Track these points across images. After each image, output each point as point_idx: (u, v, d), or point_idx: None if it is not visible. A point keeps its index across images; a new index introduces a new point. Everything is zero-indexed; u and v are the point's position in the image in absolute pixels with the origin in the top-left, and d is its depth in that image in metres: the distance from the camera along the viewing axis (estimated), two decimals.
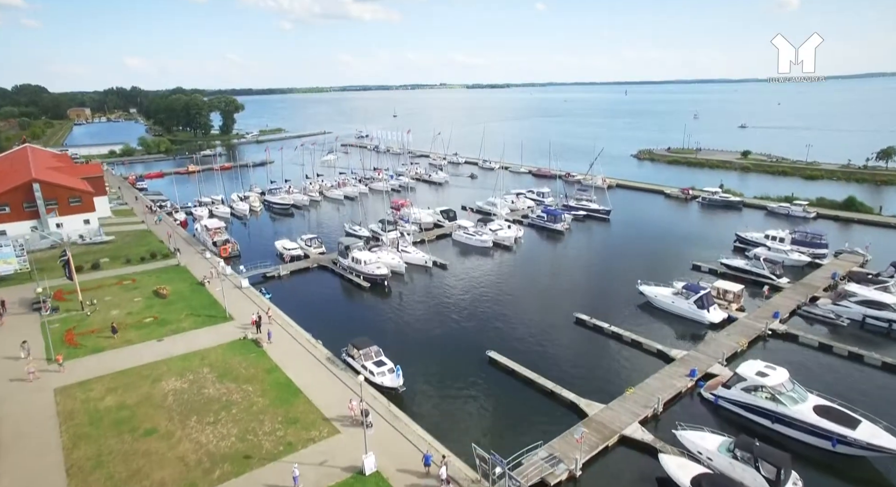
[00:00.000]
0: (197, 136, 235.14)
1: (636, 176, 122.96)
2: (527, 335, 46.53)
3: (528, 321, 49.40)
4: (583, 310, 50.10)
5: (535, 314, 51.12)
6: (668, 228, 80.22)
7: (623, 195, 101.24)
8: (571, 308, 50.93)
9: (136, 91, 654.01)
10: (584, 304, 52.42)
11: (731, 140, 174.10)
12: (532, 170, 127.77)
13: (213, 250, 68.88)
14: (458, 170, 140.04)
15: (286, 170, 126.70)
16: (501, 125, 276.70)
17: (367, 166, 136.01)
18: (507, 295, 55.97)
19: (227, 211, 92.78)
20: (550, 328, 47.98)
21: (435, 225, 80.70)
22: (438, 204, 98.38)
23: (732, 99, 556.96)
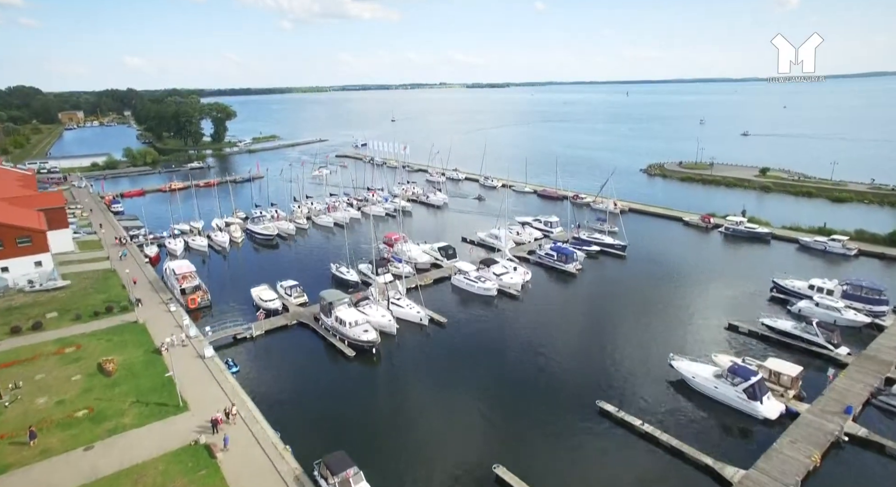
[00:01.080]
0: (187, 144, 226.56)
1: (649, 197, 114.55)
2: (539, 436, 38.19)
3: (542, 413, 40.89)
4: (604, 391, 42.12)
5: (550, 402, 42.47)
6: (692, 267, 71.81)
7: (637, 222, 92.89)
8: (591, 391, 42.72)
9: (132, 93, 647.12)
10: (605, 383, 44.30)
11: (739, 151, 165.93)
12: (538, 190, 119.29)
13: (181, 301, 60.55)
14: (458, 188, 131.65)
15: (275, 188, 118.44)
16: (502, 133, 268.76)
17: (360, 182, 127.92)
18: (514, 370, 47.61)
19: (205, 244, 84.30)
20: (569, 422, 39.66)
21: (432, 265, 72.29)
22: (436, 233, 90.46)
23: (735, 101, 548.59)
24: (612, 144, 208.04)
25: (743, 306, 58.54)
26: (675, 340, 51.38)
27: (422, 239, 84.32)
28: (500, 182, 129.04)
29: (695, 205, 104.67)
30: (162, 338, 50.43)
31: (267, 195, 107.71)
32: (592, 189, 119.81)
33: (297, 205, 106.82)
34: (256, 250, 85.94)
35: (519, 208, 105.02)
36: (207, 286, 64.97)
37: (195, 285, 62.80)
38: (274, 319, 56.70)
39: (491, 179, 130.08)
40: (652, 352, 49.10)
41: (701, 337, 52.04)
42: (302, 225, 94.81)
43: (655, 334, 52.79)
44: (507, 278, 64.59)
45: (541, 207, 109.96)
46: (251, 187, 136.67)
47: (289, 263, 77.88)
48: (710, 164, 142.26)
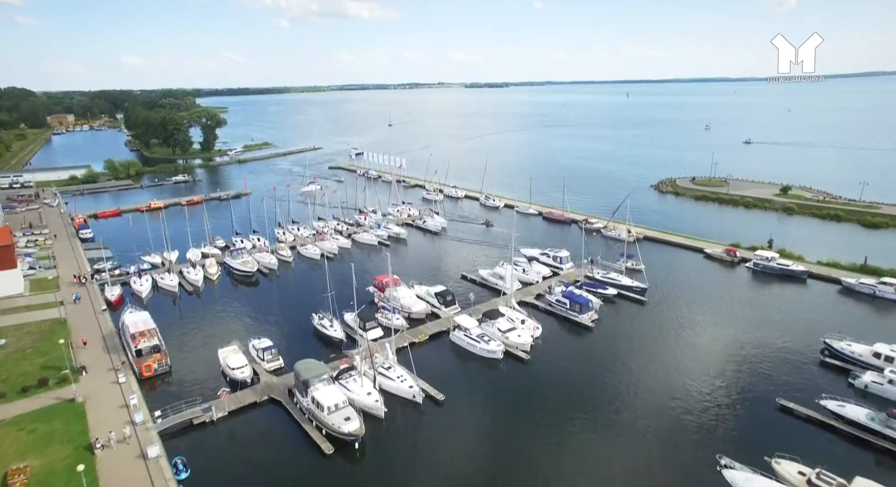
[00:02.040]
0: (175, 153, 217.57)
1: (662, 217, 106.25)
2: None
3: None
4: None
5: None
6: (722, 316, 63.23)
7: (654, 253, 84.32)
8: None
9: (126, 95, 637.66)
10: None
11: (744, 163, 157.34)
12: (543, 213, 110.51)
13: (134, 368, 51.84)
14: (457, 207, 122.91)
15: (260, 207, 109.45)
16: (502, 140, 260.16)
17: (352, 200, 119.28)
18: (522, 461, 39.06)
19: (176, 283, 75.39)
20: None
21: (428, 315, 63.56)
22: (433, 267, 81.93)
23: (738, 103, 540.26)
24: (618, 154, 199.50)
25: (791, 374, 50.00)
26: (716, 428, 42.86)
27: (417, 276, 75.75)
28: (503, 202, 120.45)
29: (713, 229, 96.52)
30: (101, 424, 41.86)
31: (250, 219, 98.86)
32: (601, 210, 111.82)
33: (282, 231, 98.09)
34: (234, 288, 77.17)
35: (523, 233, 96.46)
36: (170, 341, 56.61)
37: (153, 346, 54.05)
38: (241, 394, 47.95)
39: (492, 199, 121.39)
40: (691, 446, 40.60)
41: (748, 423, 43.47)
42: (285, 257, 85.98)
43: (691, 418, 44.20)
44: (515, 337, 55.96)
45: (547, 232, 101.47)
46: (236, 205, 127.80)
47: (267, 307, 69.02)
48: (724, 180, 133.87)
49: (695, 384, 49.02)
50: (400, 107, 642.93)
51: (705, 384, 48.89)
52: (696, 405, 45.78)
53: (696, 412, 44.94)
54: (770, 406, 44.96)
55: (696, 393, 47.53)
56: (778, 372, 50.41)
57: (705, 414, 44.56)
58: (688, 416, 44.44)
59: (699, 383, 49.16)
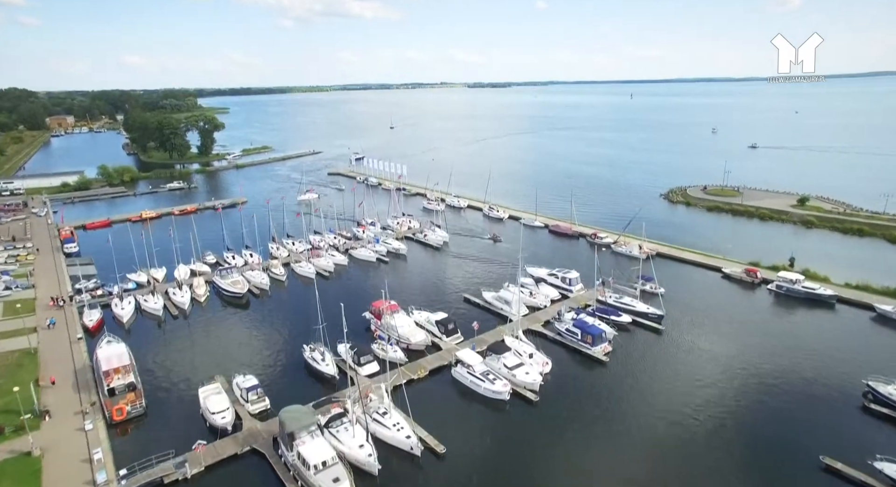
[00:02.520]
0: (172, 157, 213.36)
1: (674, 230, 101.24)
2: None
3: None
4: None
5: None
6: (746, 349, 58.28)
7: (668, 271, 79.28)
8: None
9: (126, 95, 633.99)
10: None
11: (751, 170, 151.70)
12: (550, 226, 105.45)
13: (104, 411, 47.22)
14: (459, 218, 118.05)
15: (256, 217, 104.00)
16: (506, 145, 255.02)
17: (351, 209, 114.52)
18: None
19: (160, 306, 70.72)
20: None
21: (428, 347, 58.72)
22: (434, 288, 77.19)
23: (744, 105, 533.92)
24: (625, 160, 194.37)
25: (832, 423, 45.04)
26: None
27: (416, 298, 71.20)
28: (507, 213, 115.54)
29: (728, 244, 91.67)
30: (57, 485, 37.18)
31: (243, 233, 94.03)
32: (610, 221, 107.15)
33: (276, 246, 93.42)
34: (223, 310, 72.51)
35: (529, 247, 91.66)
36: (149, 375, 52.28)
37: (127, 384, 49.46)
38: (221, 444, 43.24)
39: (496, 210, 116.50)
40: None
41: (790, 485, 38.60)
42: (278, 276, 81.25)
43: (719, 479, 39.31)
44: (522, 374, 51.12)
45: (553, 246, 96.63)
46: (230, 216, 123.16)
47: (256, 334, 64.36)
48: (737, 189, 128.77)
49: (722, 435, 44.08)
50: (402, 108, 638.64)
51: (735, 436, 43.97)
52: (726, 463, 40.89)
53: (726, 471, 40.06)
54: (813, 465, 39.98)
55: (725, 447, 42.62)
56: (816, 421, 45.46)
57: (737, 475, 39.68)
58: (715, 477, 39.57)
59: (728, 433, 44.23)
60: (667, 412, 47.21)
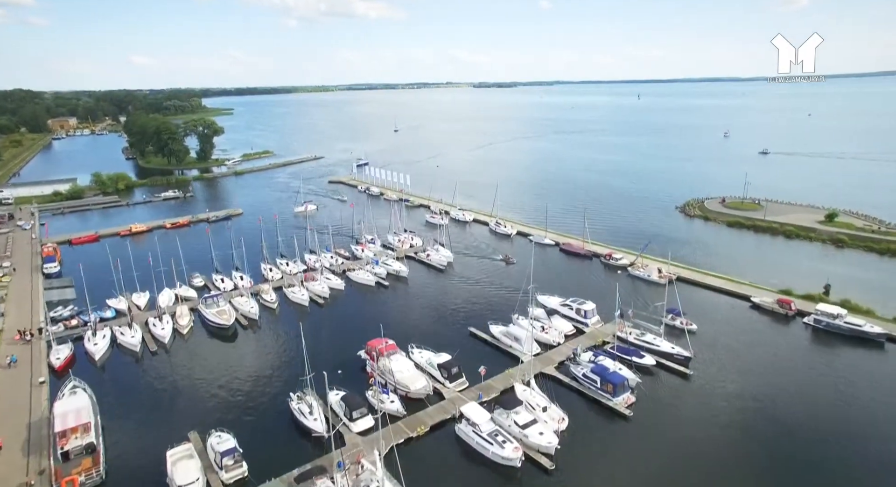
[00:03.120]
0: (171, 163, 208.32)
1: (694, 252, 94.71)
2: None
3: None
4: None
5: None
6: (783, 393, 51.78)
7: (691, 299, 72.66)
8: None
9: (131, 96, 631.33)
10: None
11: (763, 179, 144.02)
12: (561, 244, 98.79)
13: (54, 484, 41.24)
14: (464, 233, 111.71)
15: (250, 231, 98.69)
16: (513, 149, 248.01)
17: (350, 223, 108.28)
18: None
19: (139, 339, 64.83)
20: None
21: (429, 395, 52.45)
22: (437, 318, 70.96)
23: (755, 107, 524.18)
24: (636, 168, 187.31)
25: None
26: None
27: (417, 331, 65.23)
28: (515, 228, 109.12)
29: (753, 266, 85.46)
30: None
31: (233, 254, 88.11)
32: (624, 237, 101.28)
33: (268, 267, 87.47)
34: (207, 343, 66.68)
35: (539, 268, 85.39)
36: (114, 428, 46.44)
37: (85, 446, 43.60)
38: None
39: (504, 225, 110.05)
40: None
41: None
42: (269, 303, 75.21)
43: None
44: (535, 434, 44.81)
45: (565, 267, 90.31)
46: (223, 230, 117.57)
47: (239, 376, 58.16)
48: (758, 202, 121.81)
49: None
50: (407, 109, 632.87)
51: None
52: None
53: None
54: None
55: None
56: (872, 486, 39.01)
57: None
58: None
59: None
60: (698, 482, 40.81)
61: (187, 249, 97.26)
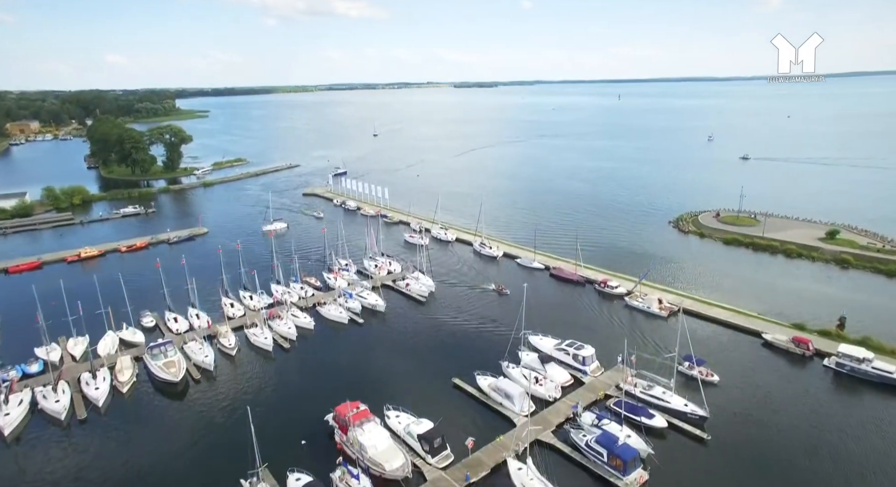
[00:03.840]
0: (135, 173, 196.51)
1: (692, 272, 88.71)
2: None
3: None
4: None
5: None
6: (816, 460, 45.17)
7: (697, 335, 65.63)
8: None
9: (100, 98, 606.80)
10: None
11: (745, 187, 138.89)
12: (552, 269, 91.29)
13: None
14: (446, 254, 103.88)
15: (214, 255, 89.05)
16: (495, 155, 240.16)
17: (322, 244, 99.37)
18: None
19: (64, 404, 55.25)
20: None
21: (408, 477, 44.39)
22: (417, 366, 63.04)
23: (735, 108, 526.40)
24: (622, 175, 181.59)
25: None
26: None
27: (393, 384, 57.25)
28: (501, 249, 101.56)
29: (756, 292, 79.61)
30: None
31: (192, 286, 78.66)
32: (617, 260, 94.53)
33: (229, 302, 78.46)
34: (151, 404, 57.43)
35: (528, 294, 78.43)
36: None
37: None
38: None
39: (489, 246, 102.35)
40: None
41: None
42: (228, 349, 66.25)
43: None
44: None
45: (557, 295, 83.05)
46: (184, 253, 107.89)
47: (181, 456, 49.17)
48: (754, 217, 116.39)
49: None
50: (387, 111, 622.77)
51: None
52: None
53: None
54: None
55: None
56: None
57: None
58: None
59: None
60: None
61: (141, 278, 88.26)
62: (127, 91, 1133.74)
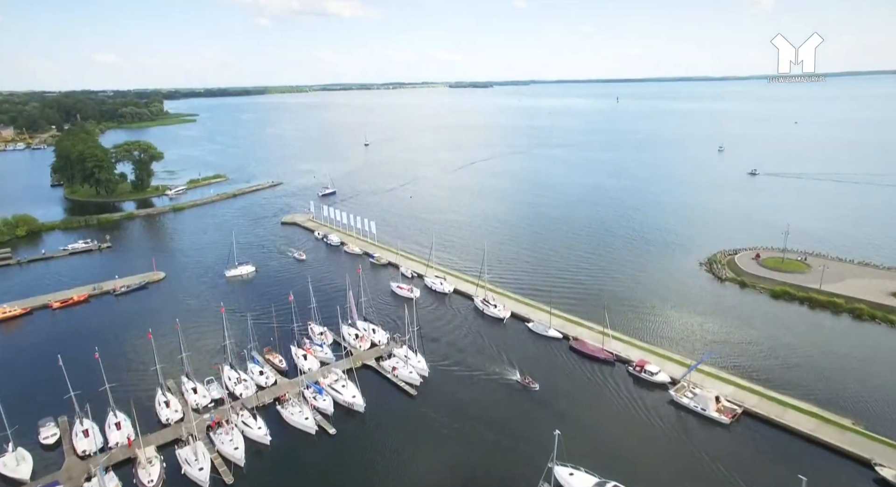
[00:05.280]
0: (99, 194, 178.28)
1: (740, 340, 72.10)
2: None
3: None
4: None
5: None
6: None
7: (775, 457, 49.13)
8: None
9: (80, 102, 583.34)
10: None
11: (758, 212, 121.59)
12: (571, 339, 74.01)
13: None
14: (442, 310, 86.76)
15: (167, 313, 71.36)
16: (495, 172, 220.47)
17: (292, 293, 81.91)
18: None
19: None
20: None
21: None
22: None
23: (738, 112, 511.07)
24: (635, 196, 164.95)
25: None
26: None
27: None
28: (509, 308, 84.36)
29: (834, 373, 63.62)
30: None
31: (125, 376, 61.20)
32: (649, 326, 77.65)
33: (164, 399, 61.00)
34: None
35: (541, 367, 61.69)
36: None
37: None
38: None
39: (493, 304, 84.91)
40: None
41: None
42: (148, 483, 48.94)
43: None
44: None
45: (581, 380, 66.21)
46: (130, 308, 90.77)
47: None
48: (803, 259, 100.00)
49: None
50: (380, 115, 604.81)
51: None
52: None
53: None
54: None
55: None
56: None
57: None
58: None
59: None
60: None
61: (64, 355, 69.97)
62: (118, 92, 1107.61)
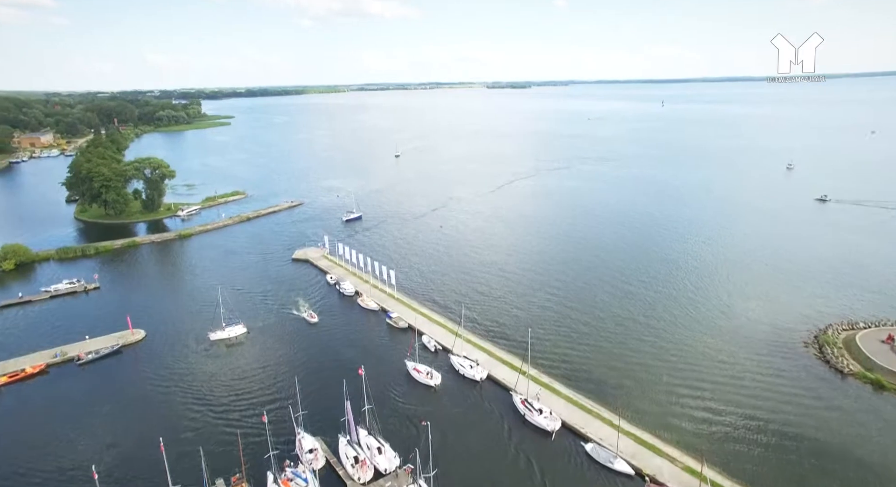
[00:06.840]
0: (109, 215, 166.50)
1: None
2: None
3: None
4: None
5: None
6: None
7: None
8: None
9: (123, 105, 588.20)
10: None
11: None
12: (648, 480, 53.41)
13: None
14: (473, 413, 66.59)
15: (150, 384, 54.41)
16: (536, 195, 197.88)
17: (284, 386, 63.05)
18: None
19: None
20: None
21: None
22: None
23: (800, 120, 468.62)
24: (705, 233, 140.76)
25: None
26: None
27: None
28: (558, 417, 63.25)
29: None
30: None
31: None
32: (758, 460, 55.34)
33: None
34: None
35: None
36: None
37: None
38: None
39: (541, 410, 63.85)
40: None
41: None
42: None
43: None
44: None
45: None
46: (99, 381, 74.78)
47: None
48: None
49: None
50: (413, 120, 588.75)
51: None
52: None
53: None
54: None
55: None
56: None
57: None
58: None
59: None
60: None
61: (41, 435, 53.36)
62: (164, 92, 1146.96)
